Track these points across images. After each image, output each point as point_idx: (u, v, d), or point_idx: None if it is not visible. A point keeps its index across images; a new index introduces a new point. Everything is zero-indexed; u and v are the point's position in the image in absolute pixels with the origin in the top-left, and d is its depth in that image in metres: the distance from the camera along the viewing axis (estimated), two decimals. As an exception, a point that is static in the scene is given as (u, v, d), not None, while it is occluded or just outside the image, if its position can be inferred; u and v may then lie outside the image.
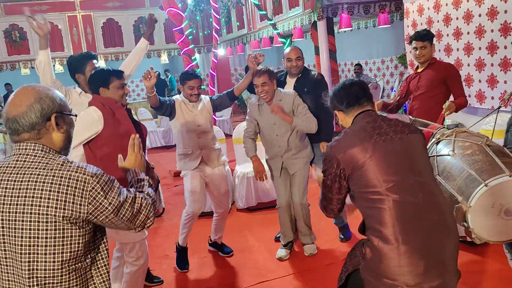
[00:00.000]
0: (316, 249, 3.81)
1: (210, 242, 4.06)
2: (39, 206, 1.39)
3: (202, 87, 3.76)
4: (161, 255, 4.07)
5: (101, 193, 1.45)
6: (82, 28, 11.72)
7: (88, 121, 2.60)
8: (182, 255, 3.79)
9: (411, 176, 1.77)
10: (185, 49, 6.29)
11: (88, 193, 1.43)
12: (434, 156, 2.24)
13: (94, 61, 3.23)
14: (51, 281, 1.42)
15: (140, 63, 3.56)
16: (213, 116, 7.13)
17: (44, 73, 2.94)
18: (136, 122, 2.81)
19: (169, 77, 14.87)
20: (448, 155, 2.13)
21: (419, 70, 3.72)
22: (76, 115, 1.63)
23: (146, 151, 2.85)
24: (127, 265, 2.86)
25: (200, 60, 13.09)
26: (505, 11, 4.31)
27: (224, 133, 5.71)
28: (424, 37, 3.59)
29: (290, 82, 3.86)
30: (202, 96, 3.68)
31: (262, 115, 3.62)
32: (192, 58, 6.43)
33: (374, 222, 1.78)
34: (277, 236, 4.07)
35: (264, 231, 4.42)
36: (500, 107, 2.72)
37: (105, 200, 1.46)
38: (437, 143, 2.29)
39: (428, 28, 3.79)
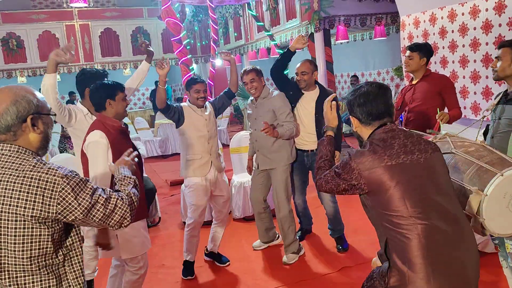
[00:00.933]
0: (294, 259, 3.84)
1: (206, 252, 4.03)
2: (9, 205, 1.45)
3: None
4: (157, 265, 4.04)
5: (71, 194, 1.48)
6: (80, 37, 11.77)
7: (104, 147, 2.62)
8: (188, 267, 3.76)
9: (437, 200, 1.74)
10: (183, 58, 6.32)
11: (57, 194, 1.47)
12: None
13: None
14: (21, 275, 1.49)
15: (144, 81, 3.74)
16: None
17: (47, 96, 2.94)
18: (134, 146, 2.80)
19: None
20: (450, 153, 2.17)
21: (413, 82, 3.74)
22: (55, 114, 1.70)
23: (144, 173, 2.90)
24: (127, 274, 2.85)
25: (198, 70, 13.13)
26: (499, 25, 4.38)
27: (221, 142, 5.71)
28: (413, 48, 3.66)
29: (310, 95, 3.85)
30: (208, 104, 3.80)
31: (251, 110, 3.86)
32: (190, 68, 6.47)
33: (401, 248, 1.71)
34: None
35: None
36: (484, 117, 2.79)
37: (75, 201, 1.49)
38: None
39: (426, 42, 3.82)
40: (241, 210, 5.01)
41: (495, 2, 4.38)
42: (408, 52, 3.66)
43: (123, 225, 1.63)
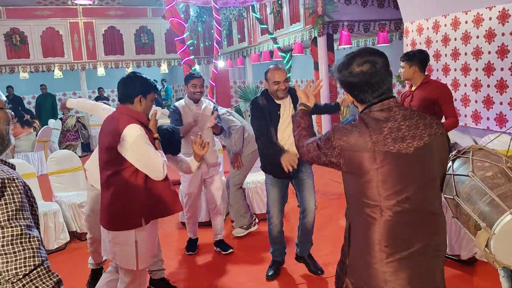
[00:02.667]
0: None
1: (214, 242, 4.25)
2: None
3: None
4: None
5: None
6: (83, 35, 11.78)
7: (144, 135, 2.47)
8: (191, 243, 4.19)
9: (416, 196, 1.64)
10: (186, 58, 6.33)
11: None
12: (451, 174, 2.09)
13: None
14: None
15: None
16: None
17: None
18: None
19: (165, 86, 14.91)
20: (468, 175, 1.99)
21: (413, 89, 3.76)
22: (11, 107, 1.52)
23: None
24: (121, 282, 2.65)
25: (200, 71, 13.14)
26: (503, 34, 4.38)
27: (222, 144, 5.70)
28: (402, 58, 3.70)
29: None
30: (207, 100, 4.02)
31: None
32: (192, 68, 6.47)
33: (363, 233, 1.69)
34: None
35: (256, 242, 4.40)
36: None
37: None
38: (453, 160, 2.13)
39: (422, 49, 3.81)
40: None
41: (499, 11, 4.39)
42: (400, 62, 3.71)
43: (10, 281, 1.28)
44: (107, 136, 2.50)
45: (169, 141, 2.91)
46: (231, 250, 4.13)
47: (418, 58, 3.62)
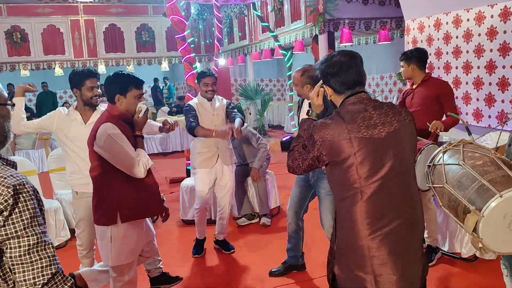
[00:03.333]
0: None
1: (215, 240, 4.23)
2: None
3: None
4: (153, 261, 4.03)
5: (9, 209, 1.26)
6: (84, 32, 11.78)
7: (118, 134, 2.48)
8: (198, 244, 4.11)
9: (390, 176, 1.81)
10: (186, 56, 6.31)
11: None
12: (441, 164, 2.21)
13: (92, 79, 3.08)
14: None
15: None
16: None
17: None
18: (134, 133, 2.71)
19: (167, 85, 14.91)
20: (458, 164, 2.12)
21: (414, 87, 3.74)
22: (13, 104, 1.44)
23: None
24: (111, 280, 2.66)
25: (201, 69, 13.13)
26: (504, 32, 4.37)
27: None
28: (401, 57, 3.69)
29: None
30: (219, 97, 3.99)
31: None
32: (193, 66, 6.46)
33: (347, 217, 1.84)
34: None
35: (257, 239, 4.40)
36: (505, 122, 2.74)
37: (9, 219, 1.26)
38: (444, 152, 2.27)
39: (420, 48, 3.80)
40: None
41: (501, 9, 4.38)
42: (400, 62, 3.71)
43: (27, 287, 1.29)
44: (90, 134, 2.59)
45: None
46: (233, 251, 4.12)
47: (416, 57, 3.61)
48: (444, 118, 3.58)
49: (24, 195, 1.28)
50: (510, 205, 1.89)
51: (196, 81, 3.96)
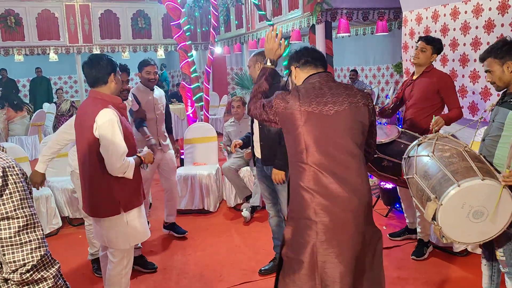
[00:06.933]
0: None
1: (164, 224, 4.30)
2: None
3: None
4: (146, 251, 4.02)
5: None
6: (79, 18, 11.61)
7: (118, 124, 2.47)
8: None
9: (333, 153, 1.99)
10: (182, 44, 6.24)
11: None
12: (414, 156, 2.32)
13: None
14: None
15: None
16: (206, 113, 7.11)
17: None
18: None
19: (163, 72, 14.81)
20: (427, 156, 2.20)
21: (414, 77, 3.68)
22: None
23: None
24: (110, 263, 2.73)
25: (197, 57, 13.03)
26: (502, 25, 4.33)
27: (216, 131, 5.67)
28: (429, 40, 3.53)
29: None
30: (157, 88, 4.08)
31: None
32: (189, 54, 6.39)
33: (296, 177, 2.06)
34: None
35: (251, 231, 4.40)
36: (481, 118, 2.76)
37: None
38: (419, 145, 2.40)
39: (439, 38, 3.76)
40: (234, 199, 5.02)
41: (499, 2, 4.33)
42: (421, 43, 3.55)
43: (18, 271, 1.29)
44: (82, 123, 2.50)
45: None
46: (186, 233, 4.23)
47: (439, 48, 3.61)
48: (443, 113, 3.54)
49: (14, 177, 1.30)
50: (468, 194, 1.94)
51: (138, 69, 3.97)
